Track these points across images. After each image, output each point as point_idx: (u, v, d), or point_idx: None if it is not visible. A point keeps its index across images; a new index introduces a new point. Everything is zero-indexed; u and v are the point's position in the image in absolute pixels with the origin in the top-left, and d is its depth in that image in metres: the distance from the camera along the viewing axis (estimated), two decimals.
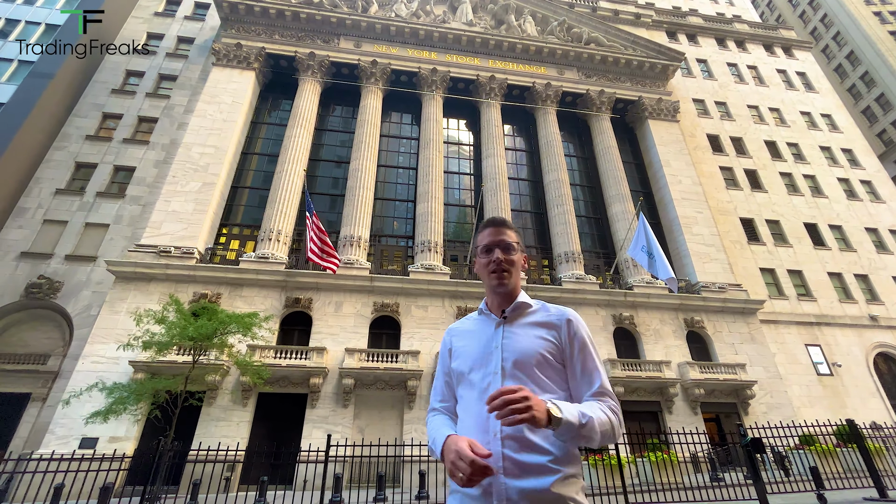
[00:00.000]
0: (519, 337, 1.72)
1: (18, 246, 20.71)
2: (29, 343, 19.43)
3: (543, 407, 1.37)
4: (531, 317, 1.79)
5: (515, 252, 1.85)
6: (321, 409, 17.85)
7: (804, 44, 41.74)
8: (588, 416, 1.46)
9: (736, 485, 11.23)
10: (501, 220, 1.91)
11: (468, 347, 1.80)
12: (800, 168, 32.61)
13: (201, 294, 19.14)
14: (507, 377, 1.64)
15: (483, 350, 1.74)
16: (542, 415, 1.36)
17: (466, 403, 1.70)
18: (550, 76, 30.62)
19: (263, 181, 24.87)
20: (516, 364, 1.65)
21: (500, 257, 1.81)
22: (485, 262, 1.84)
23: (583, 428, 1.44)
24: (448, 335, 1.94)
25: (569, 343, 1.71)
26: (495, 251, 1.83)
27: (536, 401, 1.37)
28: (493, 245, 1.84)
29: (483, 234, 1.90)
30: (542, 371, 1.66)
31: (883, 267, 28.74)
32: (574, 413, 1.44)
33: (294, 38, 28.14)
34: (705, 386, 20.37)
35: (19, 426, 17.63)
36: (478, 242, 1.91)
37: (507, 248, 1.83)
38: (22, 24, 26.88)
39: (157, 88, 27.06)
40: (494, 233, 1.87)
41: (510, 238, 1.86)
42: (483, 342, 1.76)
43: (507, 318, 1.79)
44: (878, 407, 23.31)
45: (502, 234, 1.86)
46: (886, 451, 13.29)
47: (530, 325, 1.76)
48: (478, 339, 1.79)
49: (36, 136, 23.08)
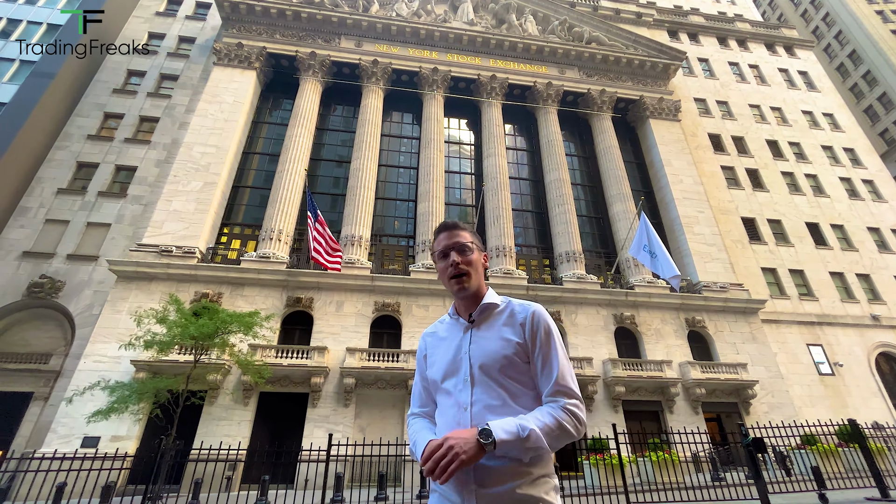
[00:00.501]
0: (485, 341, 1.70)
1: (20, 245, 20.76)
2: (31, 342, 19.48)
3: (472, 443, 1.38)
4: (498, 317, 1.76)
5: (472, 252, 1.80)
6: (322, 409, 17.87)
7: (806, 43, 41.64)
8: (529, 429, 1.44)
9: (737, 484, 11.22)
10: (453, 223, 1.87)
11: (440, 354, 1.78)
12: (801, 167, 32.54)
13: (203, 293, 19.17)
14: (476, 384, 1.63)
15: (453, 357, 1.73)
16: (470, 452, 1.38)
17: (442, 410, 1.71)
18: (551, 75, 30.58)
19: (265, 181, 24.89)
20: (482, 369, 1.64)
21: (455, 259, 1.77)
22: (443, 268, 1.81)
23: (526, 441, 1.43)
24: (423, 341, 1.92)
25: (531, 339, 1.67)
26: (451, 255, 1.79)
27: (461, 441, 1.38)
28: (448, 249, 1.80)
29: (437, 239, 1.86)
30: (508, 374, 1.63)
31: (885, 266, 28.67)
32: (510, 430, 1.43)
33: (295, 38, 28.14)
34: (706, 385, 20.35)
35: (21, 425, 17.68)
36: (433, 249, 1.87)
37: (462, 249, 1.79)
38: (24, 23, 26.90)
39: (159, 88, 27.10)
40: (448, 236, 1.83)
41: (464, 239, 1.82)
42: (453, 349, 1.75)
43: (474, 322, 1.77)
44: (880, 407, 23.27)
45: (456, 236, 1.82)
46: (888, 451, 13.27)
47: (497, 327, 1.73)
48: (448, 346, 1.78)
49: (37, 135, 23.13)
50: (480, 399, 1.61)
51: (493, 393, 1.61)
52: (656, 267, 18.50)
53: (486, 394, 1.61)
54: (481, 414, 1.58)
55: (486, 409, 1.59)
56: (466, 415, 1.60)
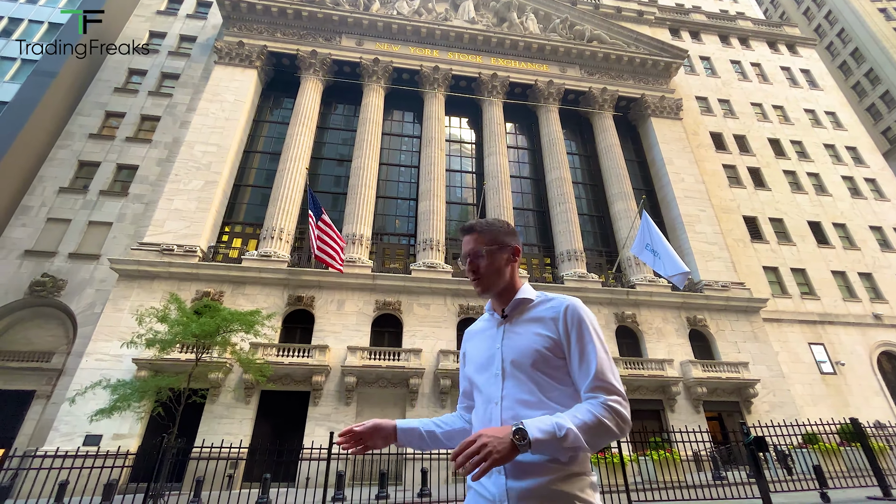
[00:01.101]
0: (518, 336, 1.70)
1: (22, 244, 20.81)
2: (33, 341, 19.53)
3: (505, 443, 1.33)
4: (531, 312, 1.75)
5: (481, 258, 1.81)
6: (323, 407, 17.90)
7: (808, 41, 41.49)
8: (566, 428, 1.36)
9: (738, 483, 11.21)
10: (467, 227, 1.90)
11: (476, 351, 1.82)
12: (803, 166, 32.45)
13: (204, 292, 19.20)
14: (507, 378, 1.63)
15: (487, 352, 1.75)
16: (503, 452, 1.32)
17: (476, 407, 1.74)
18: (553, 74, 30.52)
19: (266, 179, 24.90)
20: (514, 364, 1.63)
21: (468, 267, 1.84)
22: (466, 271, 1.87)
23: (564, 441, 1.36)
24: (465, 337, 1.97)
25: (565, 334, 1.63)
26: (466, 262, 1.85)
27: (494, 439, 1.33)
28: (464, 256, 1.87)
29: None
30: (540, 369, 1.61)
31: (887, 265, 28.59)
32: (546, 429, 1.36)
33: (296, 37, 28.12)
34: (708, 384, 20.33)
35: (24, 423, 17.74)
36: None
37: (473, 255, 1.83)
38: (25, 23, 26.92)
39: (160, 87, 27.11)
40: (464, 242, 1.88)
41: (477, 243, 1.83)
42: (487, 344, 1.77)
43: (507, 317, 1.77)
44: (882, 406, 23.23)
45: (466, 243, 1.86)
46: (890, 450, 13.24)
47: (529, 322, 1.72)
48: (482, 342, 1.81)
49: (39, 134, 23.16)
50: (511, 394, 1.60)
51: (525, 388, 1.60)
52: (658, 265, 18.39)
53: (517, 388, 1.60)
54: (511, 408, 1.57)
55: (517, 404, 1.57)
56: (497, 409, 1.60)
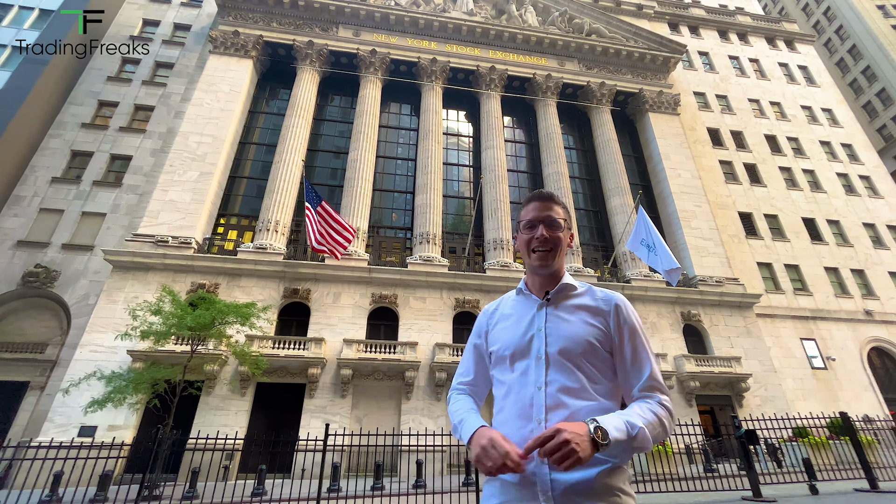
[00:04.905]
0: (565, 321, 1.61)
1: (15, 234, 20.58)
2: (26, 332, 19.40)
3: (587, 440, 1.27)
4: (577, 300, 1.67)
5: (562, 230, 1.70)
6: (319, 399, 17.94)
7: (806, 37, 41.46)
8: (638, 427, 1.36)
9: (729, 475, 11.37)
10: (549, 195, 1.75)
11: (508, 330, 1.69)
12: (799, 163, 32.58)
13: (199, 284, 19.11)
14: (551, 365, 1.55)
15: (524, 333, 1.64)
16: (587, 451, 1.26)
17: (506, 389, 1.60)
18: (551, 67, 30.36)
19: (261, 171, 24.72)
20: (562, 352, 1.55)
21: (544, 234, 1.67)
22: (527, 239, 1.71)
23: (634, 440, 1.35)
24: (484, 316, 1.84)
25: (617, 331, 1.59)
26: (539, 227, 1.68)
27: (576, 436, 1.26)
28: (538, 221, 1.69)
29: (528, 208, 1.75)
30: (590, 360, 1.55)
31: (879, 262, 28.87)
32: (622, 428, 1.34)
33: (292, 26, 27.77)
34: (701, 378, 20.54)
35: (18, 414, 17.68)
36: (521, 217, 1.77)
37: (553, 224, 1.68)
38: (15, 8, 26.41)
39: (154, 76, 26.73)
40: (540, 207, 1.72)
41: (557, 214, 1.71)
42: (524, 325, 1.66)
43: (550, 300, 1.67)
44: (871, 400, 23.57)
45: (549, 209, 1.71)
46: (878, 444, 13.46)
47: (576, 309, 1.64)
48: (517, 321, 1.68)
49: (31, 123, 22.82)
50: (557, 380, 1.53)
51: (572, 376, 1.53)
52: (653, 261, 18.53)
53: (564, 375, 1.53)
54: (555, 395, 1.50)
55: (563, 391, 1.50)
56: (541, 394, 1.51)
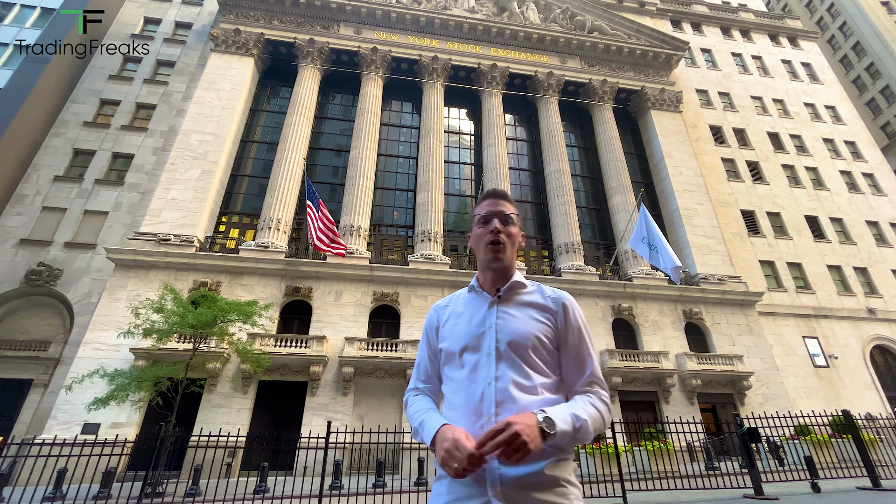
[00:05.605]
0: (514, 318, 1.65)
1: (17, 233, 20.65)
2: (30, 330, 19.48)
3: (536, 431, 1.32)
4: (527, 297, 1.71)
5: (514, 225, 1.76)
6: (321, 397, 17.99)
7: (810, 34, 41.22)
8: (583, 419, 1.43)
9: (731, 473, 11.37)
10: (502, 192, 1.81)
11: (459, 327, 1.70)
12: (802, 160, 32.44)
13: (201, 282, 19.15)
14: (501, 359, 1.58)
15: (475, 330, 1.66)
16: (536, 441, 1.31)
17: (456, 385, 1.62)
18: (553, 65, 30.27)
19: (263, 169, 24.73)
20: (511, 346, 1.59)
21: (497, 227, 1.71)
22: (481, 233, 1.75)
23: (578, 432, 1.41)
24: (434, 312, 1.85)
25: (564, 329, 1.65)
26: (493, 221, 1.73)
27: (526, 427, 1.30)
28: (492, 216, 1.75)
29: (482, 204, 1.80)
30: (537, 354, 1.60)
31: (882, 260, 28.76)
32: (568, 420, 1.40)
33: (293, 24, 27.74)
34: (702, 377, 20.51)
35: (21, 412, 17.77)
36: (475, 213, 1.82)
37: (506, 219, 1.74)
38: (17, 7, 26.43)
39: (155, 75, 26.75)
40: (494, 203, 1.77)
41: (509, 210, 1.76)
42: (475, 322, 1.68)
43: (501, 298, 1.70)
44: (874, 398, 23.52)
45: (501, 205, 1.76)
46: (880, 442, 13.43)
47: (526, 306, 1.69)
48: (469, 319, 1.70)
49: (33, 122, 22.86)
50: (506, 375, 1.56)
51: (521, 371, 1.57)
52: (655, 259, 18.52)
53: (513, 370, 1.57)
54: (505, 390, 1.53)
55: (513, 386, 1.53)
56: (491, 389, 1.54)
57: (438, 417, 1.57)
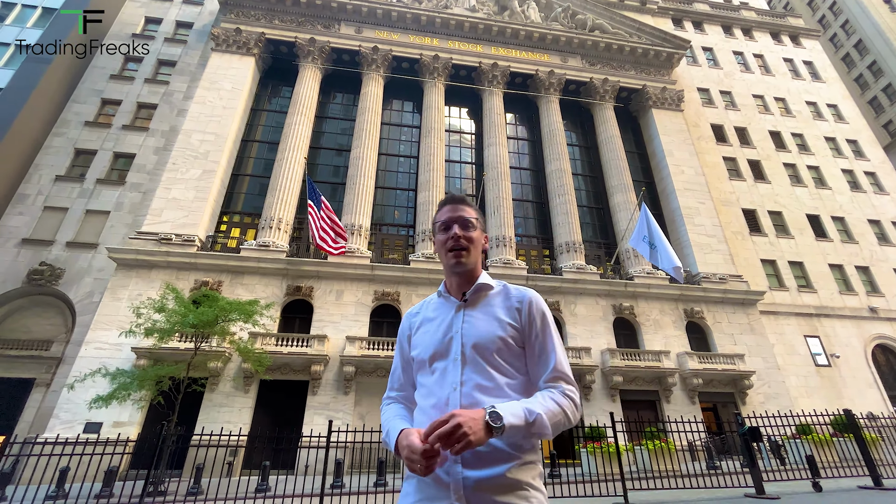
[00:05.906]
0: (479, 321, 1.67)
1: (19, 232, 20.71)
2: (32, 329, 19.54)
3: (480, 424, 1.32)
4: (492, 299, 1.73)
5: (474, 229, 1.77)
6: (322, 396, 18.01)
7: (812, 32, 41.09)
8: (536, 414, 1.41)
9: (732, 472, 11.36)
10: (461, 198, 1.84)
11: (428, 334, 1.73)
12: (804, 159, 32.36)
13: (202, 282, 19.19)
14: (467, 363, 1.59)
15: (443, 336, 1.68)
16: (479, 434, 1.31)
17: (428, 390, 1.63)
18: (554, 64, 30.22)
19: (264, 169, 24.75)
20: (476, 349, 1.60)
21: (457, 233, 1.73)
22: (443, 240, 1.77)
23: (532, 426, 1.40)
24: (406, 320, 1.87)
25: (528, 325, 1.66)
26: (453, 227, 1.75)
27: (469, 420, 1.31)
28: (452, 222, 1.77)
29: (441, 211, 1.82)
30: (502, 356, 1.61)
31: (884, 259, 28.68)
32: (519, 414, 1.39)
33: (294, 24, 27.74)
34: (704, 376, 20.49)
35: (24, 411, 17.83)
36: (436, 220, 1.83)
37: (466, 224, 1.76)
38: (18, 7, 26.47)
39: (156, 74, 26.77)
40: (453, 209, 1.79)
41: (469, 214, 1.78)
42: (443, 328, 1.70)
43: (467, 302, 1.73)
44: (875, 398, 23.48)
45: (461, 210, 1.79)
46: (882, 441, 13.41)
47: (491, 309, 1.70)
48: (437, 325, 1.72)
49: (35, 122, 22.91)
50: (471, 379, 1.57)
51: (486, 374, 1.57)
52: (655, 258, 18.50)
53: (478, 374, 1.57)
54: (470, 394, 1.54)
55: (477, 389, 1.54)
56: (456, 394, 1.55)
57: (399, 424, 1.59)
